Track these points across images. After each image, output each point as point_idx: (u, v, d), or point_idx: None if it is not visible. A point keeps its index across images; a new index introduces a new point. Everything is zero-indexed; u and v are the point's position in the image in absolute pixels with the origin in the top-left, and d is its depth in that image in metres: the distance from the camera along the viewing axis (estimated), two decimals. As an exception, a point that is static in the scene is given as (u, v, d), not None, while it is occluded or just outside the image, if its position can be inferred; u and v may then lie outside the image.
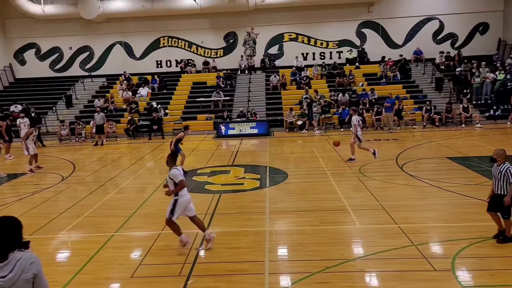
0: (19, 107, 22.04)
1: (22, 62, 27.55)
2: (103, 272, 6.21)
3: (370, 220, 7.95)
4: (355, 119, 13.05)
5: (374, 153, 12.79)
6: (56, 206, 9.75)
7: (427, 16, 25.82)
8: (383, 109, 19.95)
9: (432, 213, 8.26)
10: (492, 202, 6.58)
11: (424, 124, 20.10)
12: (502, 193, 6.40)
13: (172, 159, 7.09)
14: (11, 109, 22.04)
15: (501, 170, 6.40)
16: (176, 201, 6.71)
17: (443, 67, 24.60)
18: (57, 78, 27.17)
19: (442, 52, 25.01)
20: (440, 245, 6.80)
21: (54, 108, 23.79)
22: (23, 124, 17.61)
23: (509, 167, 6.35)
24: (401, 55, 25.18)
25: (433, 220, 7.92)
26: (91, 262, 6.50)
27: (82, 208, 9.43)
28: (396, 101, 20.40)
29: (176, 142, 12.41)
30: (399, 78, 23.99)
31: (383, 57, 25.32)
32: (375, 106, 20.68)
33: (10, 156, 16.64)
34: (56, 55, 27.39)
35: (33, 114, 20.30)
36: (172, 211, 6.67)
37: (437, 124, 19.89)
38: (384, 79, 23.96)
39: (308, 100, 20.92)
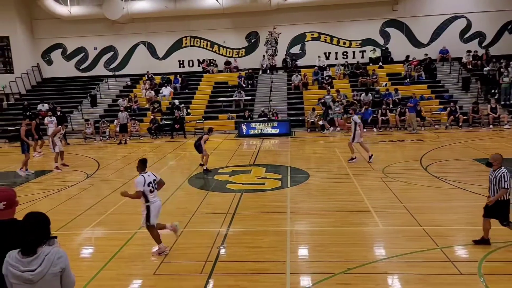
0: (46, 106, 22.59)
1: (49, 62, 28.25)
2: (127, 268, 6.30)
3: (393, 222, 7.83)
4: (356, 118, 13.12)
5: (352, 159, 12.90)
6: (81, 203, 9.96)
7: (454, 14, 25.24)
8: (407, 109, 19.61)
9: (458, 216, 8.08)
10: (489, 209, 6.43)
11: (447, 125, 19.65)
12: (500, 198, 6.28)
13: (141, 166, 6.95)
14: (38, 108, 22.62)
15: (496, 175, 6.29)
16: (148, 207, 6.63)
17: (470, 66, 24.00)
18: (82, 77, 27.75)
19: (469, 51, 24.42)
20: (466, 249, 6.63)
21: (79, 107, 24.31)
22: (51, 122, 18.05)
23: (504, 172, 6.23)
24: (426, 54, 24.70)
25: (459, 223, 7.74)
26: (114, 259, 6.61)
27: (105, 205, 9.60)
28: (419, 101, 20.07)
29: (204, 144, 12.77)
30: (423, 78, 23.54)
31: (407, 57, 24.90)
32: (399, 106, 20.35)
33: (40, 153, 17.11)
34: (82, 55, 27.98)
35: (58, 113, 20.77)
36: (147, 218, 6.61)
37: (460, 124, 19.44)
38: (408, 79, 23.56)
39: (323, 100, 20.77)
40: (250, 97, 23.30)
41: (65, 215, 8.89)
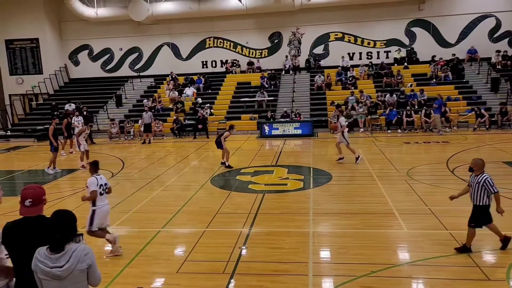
0: (73, 106, 23.13)
1: (76, 63, 28.93)
2: (150, 266, 6.38)
3: (418, 225, 7.67)
4: (343, 120, 13.16)
5: (357, 158, 12.95)
6: (106, 201, 10.12)
7: (483, 13, 24.58)
8: (432, 111, 19.22)
9: (486, 220, 7.84)
10: (474, 215, 6.36)
11: (475, 127, 19.14)
12: (479, 203, 6.24)
13: (93, 168, 6.95)
14: (65, 108, 23.19)
15: (479, 180, 6.21)
16: (94, 211, 6.62)
17: (499, 66, 23.33)
18: (108, 78, 28.31)
19: (498, 51, 23.74)
20: (494, 254, 6.44)
21: (105, 107, 24.80)
22: (77, 122, 18.46)
23: (487, 177, 6.18)
24: (453, 55, 24.16)
25: (487, 228, 7.51)
26: (138, 256, 6.70)
27: (130, 203, 9.75)
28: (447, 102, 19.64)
29: (224, 140, 13.19)
30: (450, 79, 23.01)
31: (434, 57, 24.40)
32: (424, 107, 19.96)
33: (71, 152, 17.54)
34: (107, 56, 28.54)
35: (85, 113, 21.23)
36: (90, 222, 6.62)
37: (487, 126, 18.91)
38: (434, 80, 23.08)
39: (336, 103, 20.52)
40: (272, 98, 23.28)
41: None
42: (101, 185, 6.66)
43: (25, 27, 26.92)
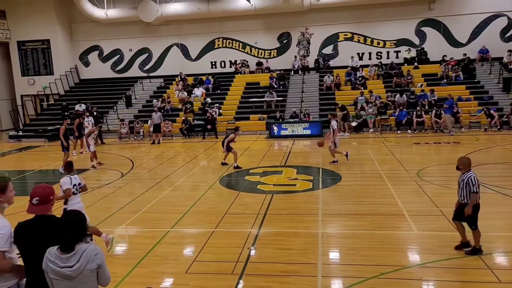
0: (83, 106, 23.32)
1: (86, 64, 29.17)
2: (159, 266, 6.41)
3: (428, 227, 7.60)
4: (334, 123, 13.16)
5: (346, 155, 13.17)
6: (115, 201, 10.21)
7: (494, 12, 24.28)
8: (442, 111, 19.03)
9: (498, 222, 7.76)
10: (458, 212, 6.36)
11: (486, 127, 18.91)
12: (467, 202, 6.25)
13: (68, 168, 7.02)
14: (75, 108, 23.39)
15: (463, 178, 6.22)
16: (65, 210, 6.52)
17: (511, 66, 23.02)
18: (118, 79, 28.50)
19: (510, 51, 23.39)
20: (506, 256, 6.38)
21: (115, 107, 24.97)
22: (87, 122, 18.56)
23: (471, 175, 6.20)
24: (464, 54, 23.90)
25: (499, 229, 7.44)
26: (148, 256, 6.73)
27: (139, 204, 9.80)
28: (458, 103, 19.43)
29: (228, 143, 13.31)
30: (462, 79, 22.78)
31: (444, 56, 24.17)
32: (434, 107, 19.78)
33: (81, 152, 17.70)
34: (117, 56, 28.73)
35: (95, 113, 21.38)
36: None
37: (498, 127, 18.68)
38: (445, 80, 22.86)
39: (340, 105, 20.44)
40: (281, 98, 23.25)
41: (101, 212, 9.13)
42: (74, 184, 6.70)
43: (37, 29, 27.22)
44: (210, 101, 23.04)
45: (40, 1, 25.68)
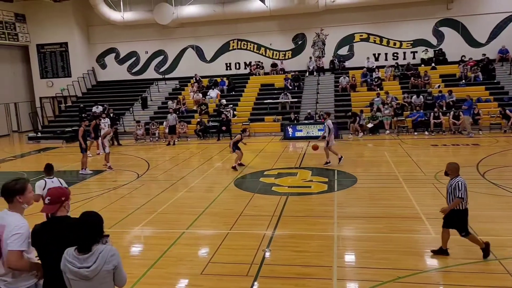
0: (100, 108, 23.63)
1: (103, 66, 29.55)
2: (175, 267, 6.44)
3: (447, 230, 7.45)
4: (330, 123, 13.20)
5: (327, 163, 13.12)
6: (131, 202, 10.30)
7: (514, 12, 23.81)
8: (461, 112, 18.71)
9: (519, 226, 7.57)
10: (447, 218, 6.36)
11: (505, 129, 18.50)
12: (456, 207, 6.21)
13: (46, 171, 7.01)
14: (93, 110, 23.70)
15: (452, 183, 6.16)
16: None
17: (532, 66, 22.54)
18: (134, 81, 28.79)
19: (531, 51, 22.95)
20: (527, 261, 6.21)
21: (131, 109, 25.23)
22: (103, 124, 18.78)
23: (459, 181, 6.17)
24: (484, 55, 23.46)
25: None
26: (163, 257, 6.77)
27: (155, 205, 9.86)
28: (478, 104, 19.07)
29: (235, 144, 13.49)
30: (481, 79, 22.36)
31: (463, 57, 23.78)
32: (453, 109, 19.46)
33: (98, 153, 17.90)
34: (133, 59, 29.03)
35: (111, 115, 21.62)
36: None
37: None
38: (463, 80, 22.47)
39: (350, 113, 20.26)
40: (296, 99, 23.17)
41: (117, 213, 9.23)
42: (49, 188, 6.50)
43: (55, 32, 27.71)
44: (225, 103, 23.08)
45: (59, 5, 26.12)
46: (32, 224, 3.54)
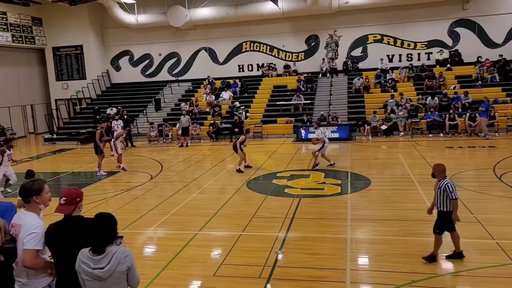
0: (114, 110, 23.87)
1: (117, 68, 29.87)
2: (188, 269, 6.45)
3: (462, 234, 7.28)
4: (320, 131, 13.39)
5: (315, 165, 13.10)
6: (145, 203, 10.37)
7: (531, 11, 23.38)
8: (477, 114, 18.42)
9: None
10: (439, 222, 6.30)
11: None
12: (443, 209, 6.17)
13: (27, 177, 7.04)
14: (107, 112, 23.96)
15: (440, 186, 6.09)
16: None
17: (550, 67, 22.08)
18: (147, 83, 29.03)
19: (548, 51, 22.50)
20: (547, 266, 6.07)
21: (144, 111, 25.43)
22: (116, 126, 18.91)
23: (448, 182, 6.11)
24: (500, 55, 23.07)
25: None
26: (176, 259, 6.79)
27: (168, 206, 9.91)
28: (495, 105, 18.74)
29: (239, 145, 13.51)
30: (498, 80, 21.99)
31: (479, 58, 23.42)
32: (469, 110, 19.17)
33: (112, 154, 18.07)
34: (147, 61, 29.29)
35: (125, 117, 21.82)
36: None
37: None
38: (480, 82, 22.13)
39: (360, 122, 20.15)
40: (309, 101, 23.10)
41: (131, 214, 9.29)
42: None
43: (71, 35, 28.13)
44: (238, 105, 23.05)
45: (75, 8, 26.48)
46: (47, 224, 3.58)
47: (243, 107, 23.14)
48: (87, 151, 19.20)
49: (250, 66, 27.71)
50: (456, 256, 6.28)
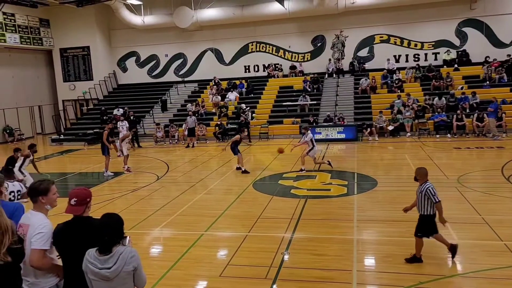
0: (121, 111, 23.98)
1: (124, 69, 30.02)
2: (194, 269, 6.45)
3: (470, 235, 7.29)
4: (310, 135, 13.26)
5: (301, 170, 12.92)
6: (151, 203, 10.40)
7: (540, 11, 23.17)
8: (485, 114, 18.27)
9: (546, 231, 7.33)
10: (420, 225, 6.29)
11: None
12: (424, 213, 6.18)
13: (5, 174, 6.99)
14: (114, 112, 24.08)
15: (422, 190, 6.08)
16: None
17: (558, 67, 21.85)
18: (154, 83, 29.14)
19: (557, 51, 22.27)
20: (556, 268, 6.00)
21: (151, 111, 25.53)
22: (121, 127, 18.94)
23: (429, 186, 6.12)
24: (508, 55, 22.87)
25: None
26: (182, 259, 6.80)
27: (174, 206, 9.93)
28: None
29: (235, 145, 13.54)
30: (506, 80, 21.80)
31: (487, 58, 23.25)
32: (476, 111, 19.03)
33: (119, 155, 18.13)
34: (153, 62, 29.40)
35: (132, 117, 21.91)
36: None
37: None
38: (488, 82, 21.96)
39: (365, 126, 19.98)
40: (315, 102, 23.05)
41: (137, 214, 9.32)
42: (12, 191, 5.90)
43: (78, 36, 28.31)
44: (244, 107, 22.92)
45: (82, 10, 26.65)
46: (55, 225, 3.60)
47: (248, 108, 23.13)
48: (94, 151, 19.29)
49: (256, 67, 27.73)
50: (454, 250, 6.28)
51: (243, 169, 13.34)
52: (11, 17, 25.54)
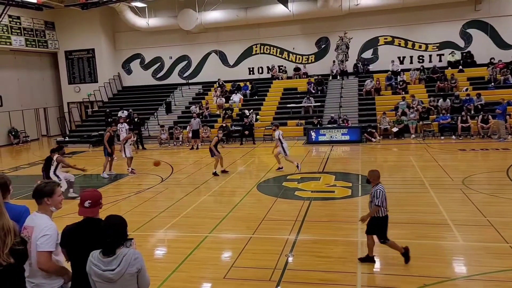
0: (126, 113, 24.05)
1: (129, 72, 30.13)
2: (198, 271, 6.46)
3: (475, 237, 7.25)
4: (277, 134, 13.44)
5: (297, 166, 13.12)
6: (155, 205, 10.42)
7: (545, 12, 23.04)
8: (490, 116, 18.16)
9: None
10: (369, 225, 6.41)
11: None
12: (376, 215, 6.27)
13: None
14: (118, 115, 24.14)
15: (372, 191, 6.16)
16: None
17: None
18: (158, 86, 29.22)
19: None
20: (563, 271, 5.96)
21: (155, 113, 25.61)
22: (121, 129, 18.97)
23: (379, 188, 6.21)
24: (513, 57, 22.80)
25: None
26: (187, 261, 6.80)
27: (178, 208, 9.95)
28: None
29: (215, 146, 13.64)
30: (511, 82, 21.69)
31: (492, 59, 23.13)
32: (481, 112, 18.93)
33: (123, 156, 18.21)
34: (158, 64, 29.50)
35: (136, 119, 21.96)
36: None
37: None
38: (493, 83, 21.86)
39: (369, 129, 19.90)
40: (319, 103, 23.03)
41: (141, 216, 9.34)
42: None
43: (83, 39, 28.45)
44: (247, 113, 22.72)
45: (86, 12, 26.81)
46: (59, 226, 3.61)
47: (252, 110, 23.09)
48: (99, 153, 19.33)
49: (260, 69, 27.75)
50: (407, 255, 6.30)
51: (215, 171, 13.45)
52: (16, 20, 25.72)
